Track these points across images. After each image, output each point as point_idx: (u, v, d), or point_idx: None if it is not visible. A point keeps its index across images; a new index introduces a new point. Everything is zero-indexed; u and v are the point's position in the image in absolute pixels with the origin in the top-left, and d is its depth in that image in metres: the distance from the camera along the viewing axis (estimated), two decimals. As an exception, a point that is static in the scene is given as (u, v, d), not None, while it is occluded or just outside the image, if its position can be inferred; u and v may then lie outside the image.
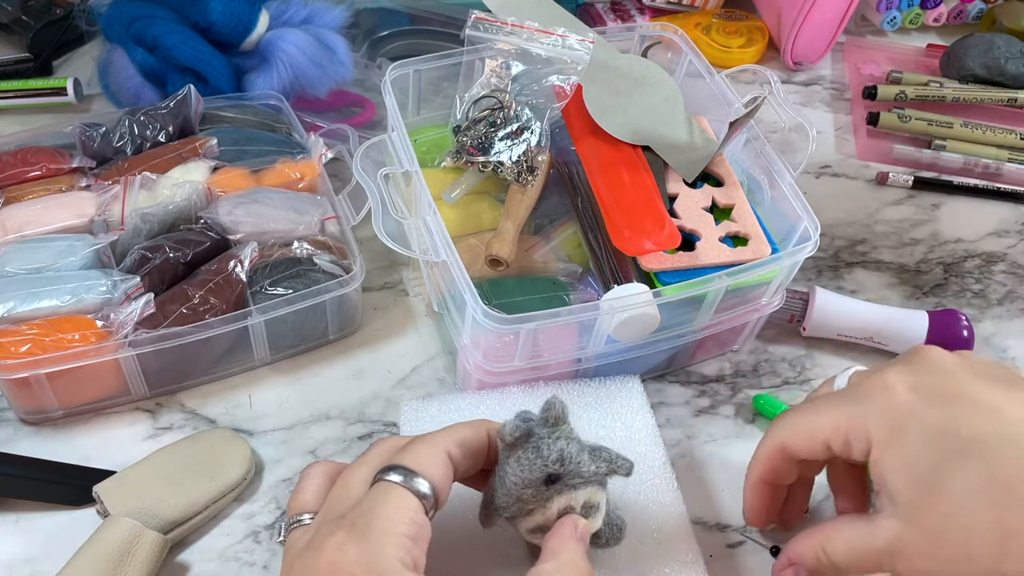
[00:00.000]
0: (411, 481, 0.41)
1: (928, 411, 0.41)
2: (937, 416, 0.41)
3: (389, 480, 0.41)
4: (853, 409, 0.44)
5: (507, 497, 0.44)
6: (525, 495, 0.43)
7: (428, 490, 0.41)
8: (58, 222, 0.62)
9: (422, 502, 0.40)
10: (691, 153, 0.65)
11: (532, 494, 0.43)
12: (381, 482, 0.41)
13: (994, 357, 0.69)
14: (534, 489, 0.43)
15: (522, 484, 0.43)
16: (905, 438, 0.41)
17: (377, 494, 0.40)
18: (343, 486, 0.42)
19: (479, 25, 0.63)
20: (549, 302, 0.57)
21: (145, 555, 0.50)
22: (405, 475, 0.41)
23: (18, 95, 0.79)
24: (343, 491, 0.42)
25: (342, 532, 0.39)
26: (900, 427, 0.41)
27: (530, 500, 0.44)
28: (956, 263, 0.76)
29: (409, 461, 0.41)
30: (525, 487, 0.43)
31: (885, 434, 0.42)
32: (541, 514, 0.44)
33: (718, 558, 0.55)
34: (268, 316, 0.59)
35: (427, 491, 0.41)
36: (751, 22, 0.95)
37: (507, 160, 0.62)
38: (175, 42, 0.72)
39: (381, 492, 0.40)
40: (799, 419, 0.46)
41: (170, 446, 0.56)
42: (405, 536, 0.39)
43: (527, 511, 0.44)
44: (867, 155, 0.85)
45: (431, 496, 0.41)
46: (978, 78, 0.88)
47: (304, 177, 0.67)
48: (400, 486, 0.40)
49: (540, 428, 0.44)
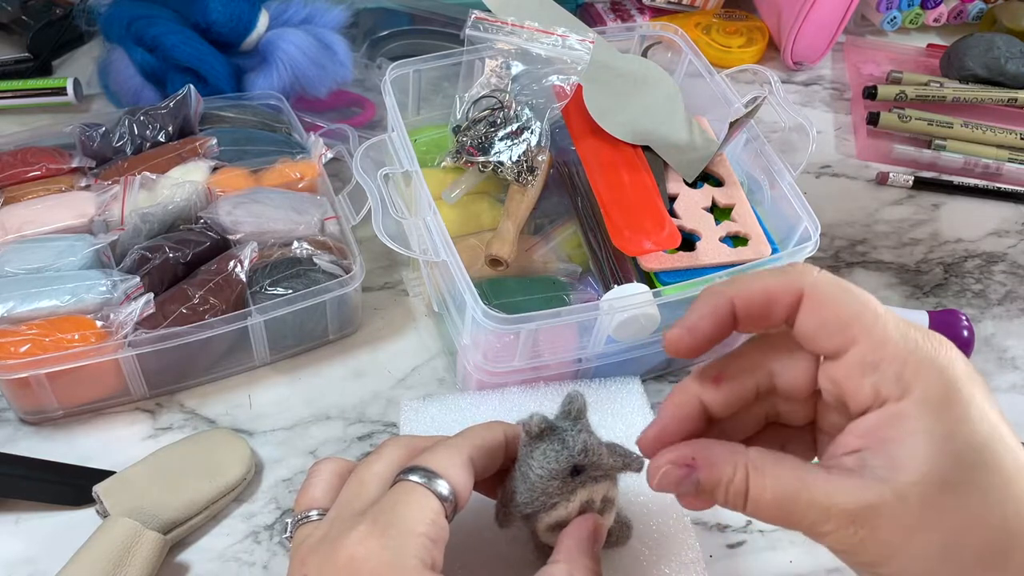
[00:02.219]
0: (433, 483, 0.40)
1: (981, 397, 0.36)
2: (985, 404, 0.36)
3: (411, 480, 0.41)
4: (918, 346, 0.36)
5: (531, 492, 0.44)
6: (551, 487, 0.44)
7: (449, 493, 0.41)
8: (58, 222, 0.62)
9: (443, 505, 0.40)
10: (691, 153, 0.65)
11: (558, 486, 0.44)
12: (403, 482, 0.41)
13: (994, 357, 0.69)
14: (560, 481, 0.44)
15: (549, 476, 0.44)
16: (957, 409, 0.35)
17: (399, 493, 0.40)
18: (358, 482, 0.42)
19: (479, 25, 0.63)
20: (549, 302, 0.57)
21: (145, 555, 0.50)
22: (428, 477, 0.41)
23: (18, 95, 0.79)
24: (358, 487, 0.42)
25: (363, 527, 0.38)
26: (956, 396, 0.35)
27: (555, 493, 0.44)
28: (956, 263, 0.76)
29: (432, 463, 0.41)
30: (552, 478, 0.44)
31: (939, 393, 0.35)
32: (564, 508, 0.44)
33: (718, 558, 0.55)
34: (268, 316, 0.59)
35: (448, 494, 0.41)
36: (751, 22, 0.95)
37: (507, 160, 0.62)
38: (175, 42, 0.72)
39: (403, 492, 0.40)
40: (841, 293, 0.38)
41: (170, 446, 0.56)
42: (426, 536, 0.39)
43: (550, 505, 0.44)
44: (867, 155, 0.85)
45: (452, 499, 0.41)
46: (978, 78, 0.88)
47: (304, 177, 0.67)
48: (423, 487, 0.40)
49: (562, 421, 0.45)
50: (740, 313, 0.40)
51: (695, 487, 0.39)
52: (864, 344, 0.37)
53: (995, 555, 0.35)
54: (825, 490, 0.36)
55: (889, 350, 0.36)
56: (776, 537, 0.56)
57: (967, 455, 0.35)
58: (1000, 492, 0.35)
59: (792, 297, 0.39)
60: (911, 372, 0.36)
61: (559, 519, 0.45)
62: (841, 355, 0.37)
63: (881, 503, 0.35)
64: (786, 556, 0.56)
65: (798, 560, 0.55)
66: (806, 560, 0.55)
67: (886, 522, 0.35)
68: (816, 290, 0.38)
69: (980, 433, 0.35)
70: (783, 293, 0.39)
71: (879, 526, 0.35)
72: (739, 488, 0.37)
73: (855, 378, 0.37)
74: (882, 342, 0.36)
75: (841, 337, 0.37)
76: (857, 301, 0.38)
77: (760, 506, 0.37)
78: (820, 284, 0.38)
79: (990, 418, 0.36)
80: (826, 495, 0.36)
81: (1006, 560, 0.34)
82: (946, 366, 0.36)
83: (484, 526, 0.47)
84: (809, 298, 0.38)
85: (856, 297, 0.38)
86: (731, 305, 0.40)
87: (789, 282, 0.39)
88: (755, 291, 0.39)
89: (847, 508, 0.35)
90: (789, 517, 0.36)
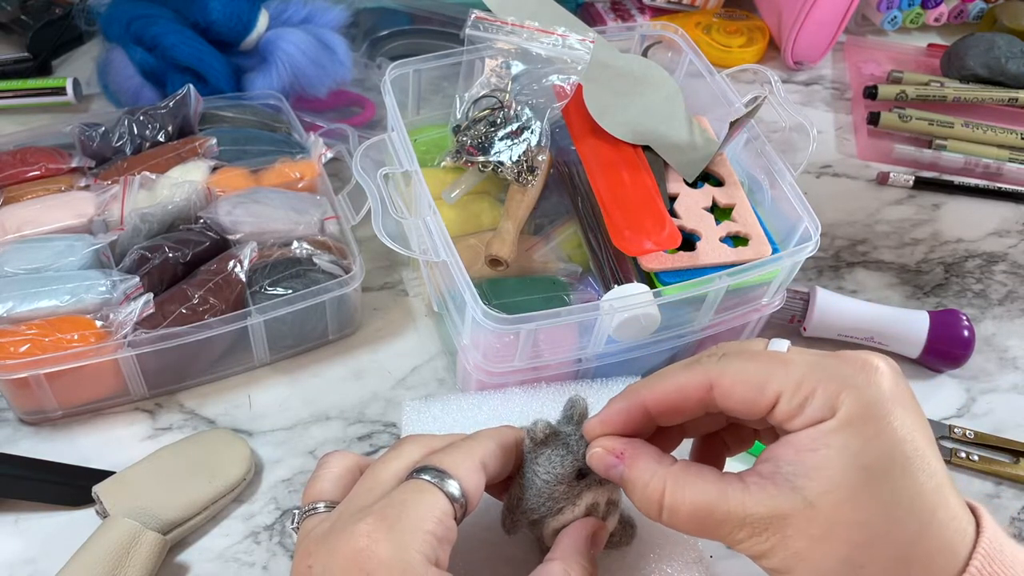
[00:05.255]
0: (444, 483, 0.41)
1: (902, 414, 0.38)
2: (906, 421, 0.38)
3: (423, 479, 0.41)
4: (833, 373, 0.38)
5: (538, 497, 0.44)
6: (558, 492, 0.44)
7: (460, 495, 0.41)
8: (57, 222, 0.62)
9: (453, 505, 0.40)
10: (691, 153, 0.65)
11: (564, 490, 0.44)
12: (414, 479, 0.41)
13: (995, 357, 0.69)
14: (566, 485, 0.44)
15: (555, 480, 0.44)
16: (871, 425, 0.37)
17: (409, 490, 0.40)
18: (373, 478, 0.42)
19: (479, 25, 0.63)
20: (549, 302, 0.57)
21: (144, 555, 0.50)
22: (440, 477, 0.41)
23: (17, 95, 0.79)
24: (373, 483, 0.42)
25: (371, 520, 0.39)
26: (874, 413, 0.37)
27: (561, 497, 0.44)
28: (957, 263, 0.76)
29: (445, 464, 0.42)
30: (558, 483, 0.44)
31: (858, 412, 0.37)
32: (570, 512, 0.44)
33: (719, 558, 0.55)
34: (268, 316, 0.59)
35: (459, 495, 0.41)
36: (751, 22, 0.95)
37: (507, 160, 0.62)
38: (174, 42, 0.72)
39: (414, 489, 0.41)
40: (745, 365, 0.40)
41: (169, 446, 0.56)
42: (432, 534, 0.39)
43: (557, 510, 0.44)
44: (868, 155, 0.85)
45: (462, 501, 0.41)
46: (979, 78, 0.88)
47: (304, 177, 0.67)
48: (433, 486, 0.40)
49: (565, 426, 0.45)
50: (654, 412, 0.42)
51: (619, 479, 0.42)
52: (787, 392, 0.38)
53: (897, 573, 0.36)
54: (741, 500, 0.38)
55: (812, 382, 0.38)
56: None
57: (877, 470, 0.36)
58: (900, 510, 0.36)
59: (702, 390, 0.41)
60: (835, 393, 0.38)
61: (565, 523, 0.45)
62: (773, 411, 0.39)
63: (791, 511, 0.37)
64: (786, 556, 0.55)
65: (798, 560, 0.55)
66: (806, 560, 0.55)
67: (794, 531, 0.37)
68: (723, 376, 0.40)
69: (892, 450, 0.37)
70: (693, 388, 0.41)
71: (789, 535, 0.37)
72: (652, 495, 0.40)
73: (793, 418, 0.38)
74: (800, 381, 0.38)
75: (764, 400, 0.39)
76: (763, 362, 0.40)
77: (677, 517, 0.40)
78: (725, 368, 0.40)
79: (905, 435, 0.37)
80: (741, 505, 0.38)
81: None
82: (864, 386, 0.38)
83: (488, 528, 0.47)
84: (718, 385, 0.40)
85: (761, 359, 0.40)
86: (643, 407, 0.42)
87: (694, 376, 0.41)
88: (667, 390, 0.42)
89: (760, 515, 0.37)
90: (704, 527, 0.39)
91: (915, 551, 0.36)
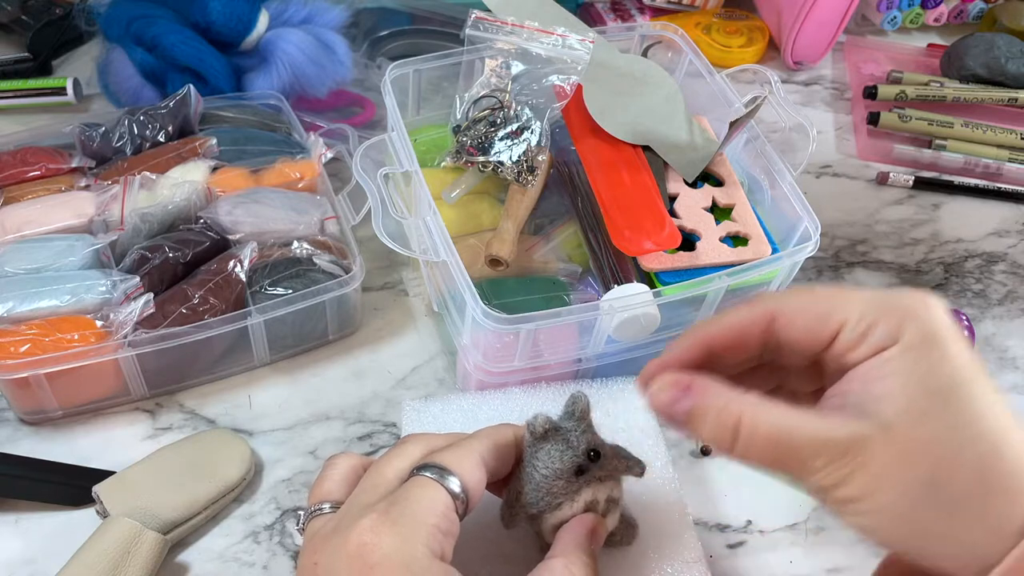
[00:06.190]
0: (446, 480, 0.41)
1: (960, 344, 0.38)
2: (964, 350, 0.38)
3: (425, 476, 0.42)
4: (894, 304, 0.39)
5: (537, 492, 0.44)
6: (556, 487, 0.44)
7: (461, 491, 0.42)
8: (57, 222, 0.62)
9: (455, 501, 0.41)
10: (691, 153, 0.65)
11: (563, 486, 0.44)
12: (417, 476, 0.42)
13: (994, 357, 0.69)
14: (565, 480, 0.44)
15: (554, 475, 0.44)
16: (936, 350, 0.38)
17: (412, 487, 0.41)
18: (376, 476, 0.43)
19: (479, 25, 0.63)
20: (549, 302, 0.57)
21: (145, 555, 0.50)
22: (441, 474, 0.42)
23: (17, 95, 0.79)
24: (376, 481, 0.43)
25: (375, 515, 0.39)
26: (937, 339, 0.38)
27: (560, 493, 0.44)
28: (956, 263, 0.76)
29: (447, 461, 0.42)
30: (557, 478, 0.44)
31: (921, 338, 0.37)
32: (569, 508, 0.45)
33: (719, 558, 0.55)
34: (268, 316, 0.59)
35: (460, 491, 0.42)
36: (751, 22, 0.95)
37: (507, 160, 0.62)
38: (174, 42, 0.72)
39: (417, 485, 0.41)
40: (808, 296, 0.41)
41: (169, 446, 0.56)
42: (436, 528, 0.40)
43: (555, 505, 0.45)
44: (867, 155, 0.85)
45: (463, 497, 0.42)
46: (979, 78, 0.88)
47: (304, 177, 0.67)
48: (435, 482, 0.41)
49: (566, 422, 0.46)
50: (718, 348, 0.42)
51: (686, 414, 0.40)
52: (851, 321, 0.39)
53: (972, 499, 0.36)
54: (817, 425, 0.37)
55: (874, 313, 0.38)
56: (776, 537, 0.56)
57: (946, 390, 0.37)
58: (972, 429, 0.36)
59: (765, 320, 0.41)
60: (897, 323, 0.38)
61: (564, 519, 0.45)
62: (834, 342, 0.39)
63: (871, 433, 0.36)
64: (786, 556, 0.56)
65: (798, 560, 0.55)
66: (806, 561, 0.55)
67: (874, 454, 0.36)
68: (786, 306, 0.41)
69: (957, 373, 0.37)
70: (757, 319, 0.41)
71: (868, 458, 0.36)
72: (728, 420, 0.38)
73: (856, 348, 0.39)
74: (863, 312, 0.39)
75: (827, 330, 0.39)
76: (826, 295, 0.40)
77: (753, 441, 0.38)
78: (788, 300, 0.41)
79: (966, 361, 0.38)
80: (818, 430, 0.37)
81: (984, 507, 0.35)
82: (925, 317, 0.38)
83: (488, 525, 0.47)
84: (781, 315, 0.40)
85: (823, 293, 0.41)
86: (705, 344, 0.42)
87: (756, 308, 0.41)
88: (731, 323, 0.42)
89: (839, 439, 0.37)
90: (779, 454, 0.38)
91: (992, 471, 0.36)
